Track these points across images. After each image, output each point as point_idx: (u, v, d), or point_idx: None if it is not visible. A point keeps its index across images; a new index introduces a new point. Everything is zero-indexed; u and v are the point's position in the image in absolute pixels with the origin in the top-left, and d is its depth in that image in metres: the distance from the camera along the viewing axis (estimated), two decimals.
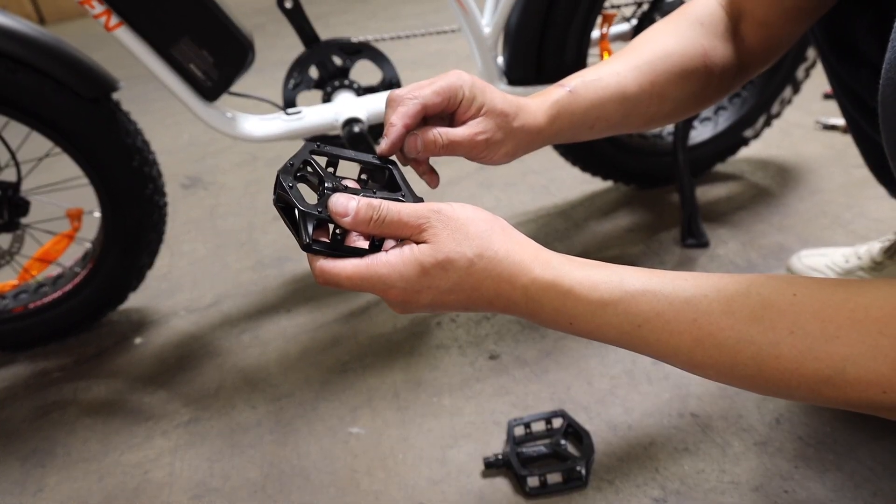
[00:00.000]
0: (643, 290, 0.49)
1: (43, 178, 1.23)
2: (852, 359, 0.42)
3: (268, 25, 3.49)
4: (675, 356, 0.48)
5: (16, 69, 0.99)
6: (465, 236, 0.51)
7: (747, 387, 0.47)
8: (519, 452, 0.86)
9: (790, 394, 0.45)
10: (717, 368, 0.47)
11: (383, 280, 0.51)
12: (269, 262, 1.43)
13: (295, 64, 1.17)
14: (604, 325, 0.50)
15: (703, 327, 0.46)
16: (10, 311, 1.20)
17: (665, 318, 0.48)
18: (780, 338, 0.44)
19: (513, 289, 0.51)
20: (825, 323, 0.43)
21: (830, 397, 0.44)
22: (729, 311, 0.46)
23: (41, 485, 0.96)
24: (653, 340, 0.49)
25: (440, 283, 0.51)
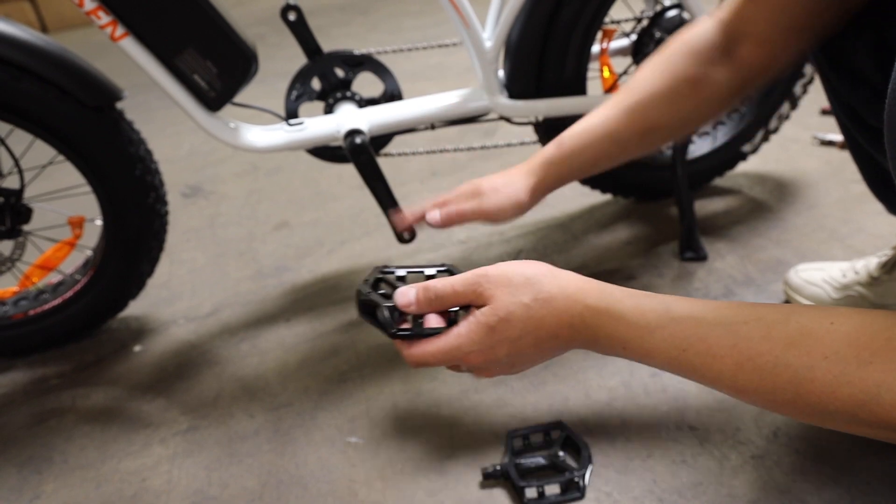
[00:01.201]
0: (687, 315, 0.51)
1: (45, 186, 1.24)
2: (886, 385, 0.43)
3: (269, 36, 3.51)
4: (720, 380, 0.50)
5: (20, 77, 1.00)
6: (517, 287, 0.57)
7: (791, 413, 0.49)
8: (517, 464, 0.86)
9: (830, 419, 0.46)
10: (759, 393, 0.49)
11: (460, 348, 0.58)
12: (268, 271, 1.44)
13: (297, 75, 1.18)
14: (653, 349, 0.53)
15: (743, 352, 0.48)
16: (10, 318, 1.20)
17: (708, 342, 0.50)
18: (815, 362, 0.45)
19: (571, 318, 0.55)
20: (860, 349, 0.44)
21: (867, 421, 0.44)
22: (768, 336, 0.47)
23: (38, 492, 0.96)
24: (698, 364, 0.51)
25: (509, 334, 0.57)
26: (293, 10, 1.12)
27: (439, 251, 1.41)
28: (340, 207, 1.67)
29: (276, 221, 1.65)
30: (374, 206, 1.65)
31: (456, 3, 1.10)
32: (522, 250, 1.37)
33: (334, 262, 1.44)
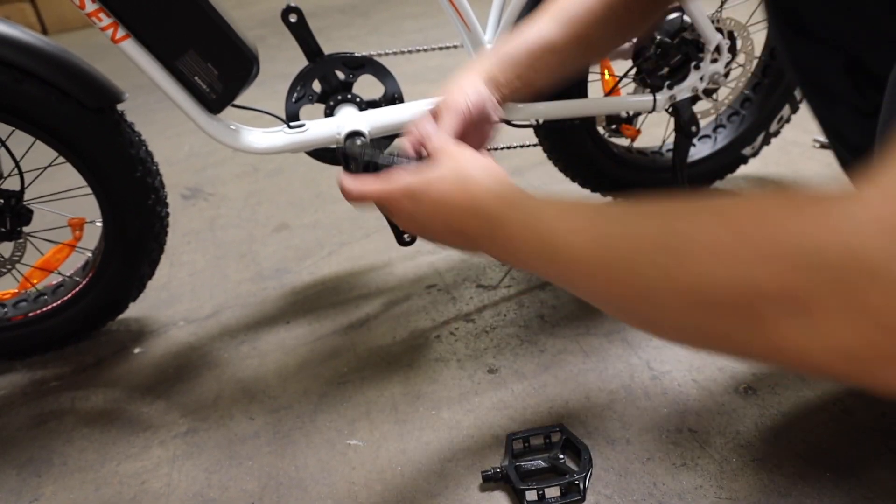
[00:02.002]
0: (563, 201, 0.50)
1: (45, 188, 1.24)
2: (687, 219, 0.40)
3: (269, 38, 3.51)
4: (586, 277, 0.47)
5: (21, 79, 1.00)
6: (454, 167, 0.58)
7: (625, 297, 0.44)
8: (517, 466, 0.86)
9: (649, 289, 0.41)
10: (594, 265, 0.45)
11: (389, 198, 0.60)
12: (268, 273, 1.44)
13: (298, 77, 1.18)
14: (545, 245, 0.49)
15: (595, 209, 0.47)
16: (10, 320, 1.20)
17: (586, 232, 0.47)
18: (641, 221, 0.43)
19: (481, 208, 0.54)
20: (684, 207, 0.42)
21: (676, 277, 0.39)
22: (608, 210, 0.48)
23: (37, 494, 0.96)
24: (568, 279, 0.48)
25: (425, 207, 0.58)
26: (294, 12, 1.12)
27: (439, 253, 1.41)
28: (340, 209, 1.67)
29: (276, 223, 1.65)
30: (373, 209, 1.65)
31: (457, 5, 1.10)
32: None
33: (334, 264, 1.44)
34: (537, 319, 1.17)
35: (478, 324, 1.18)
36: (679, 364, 1.02)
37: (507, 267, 1.33)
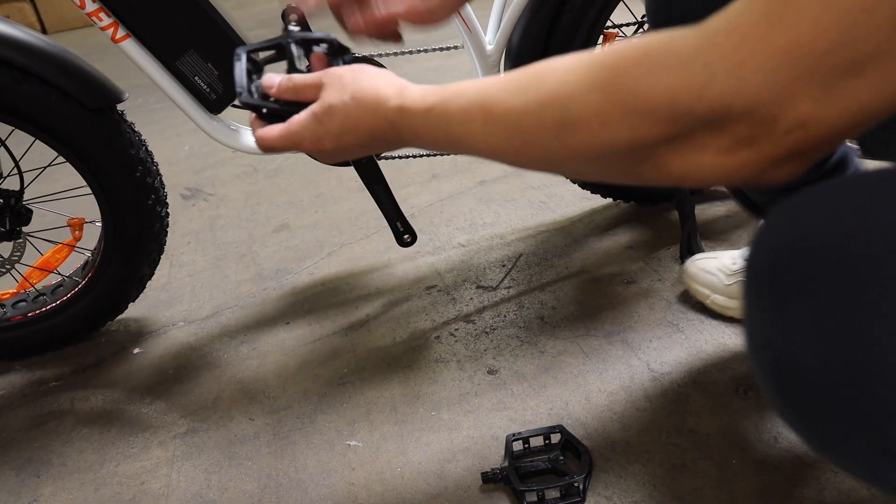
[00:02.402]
0: (456, 93, 0.53)
1: (45, 188, 1.23)
2: (575, 97, 0.44)
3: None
4: (475, 144, 0.52)
5: (21, 79, 1.00)
6: (344, 85, 0.60)
7: (534, 162, 0.51)
8: (517, 467, 0.86)
9: (553, 156, 0.48)
10: (505, 148, 0.51)
11: (296, 134, 0.62)
12: (268, 274, 1.44)
13: None
14: (433, 130, 0.55)
15: (487, 108, 0.50)
16: (9, 320, 1.20)
17: (465, 110, 0.52)
18: (530, 98, 0.47)
19: (378, 118, 0.58)
20: (561, 73, 0.46)
21: (574, 146, 0.45)
22: (506, 89, 0.49)
23: (36, 495, 0.96)
24: (461, 134, 0.53)
25: (332, 128, 0.60)
26: (294, 13, 1.12)
27: (440, 254, 1.41)
28: (340, 210, 1.67)
29: (276, 224, 1.65)
30: (374, 209, 1.65)
31: None
32: (523, 253, 1.37)
33: (334, 264, 1.44)
34: (537, 321, 1.17)
35: (478, 325, 1.18)
36: (679, 366, 1.02)
37: (508, 268, 1.33)
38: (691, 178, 0.43)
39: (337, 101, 0.60)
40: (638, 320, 1.13)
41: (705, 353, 1.04)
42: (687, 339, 1.08)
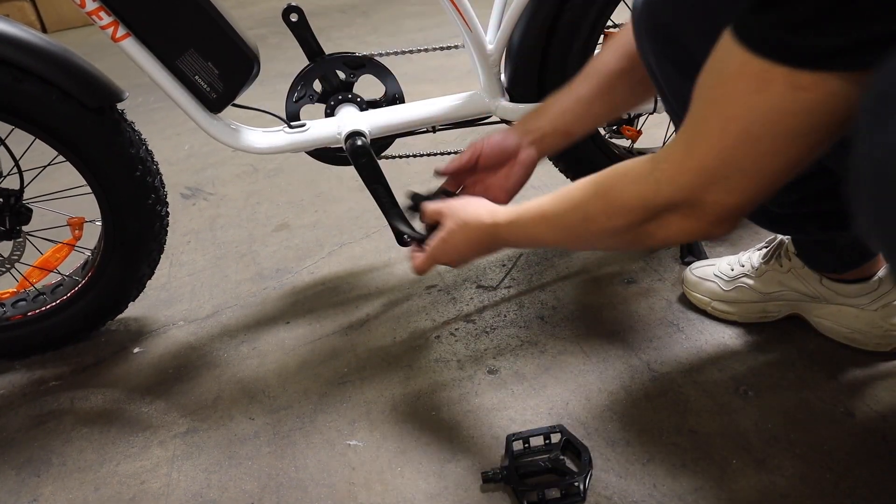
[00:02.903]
0: (526, 209, 0.81)
1: (45, 187, 1.23)
2: (590, 203, 0.72)
3: (269, 37, 3.51)
4: (543, 239, 0.81)
5: (22, 78, 1.00)
6: (457, 215, 0.88)
7: (577, 244, 0.90)
8: (517, 467, 0.86)
9: (585, 240, 0.79)
10: (559, 238, 0.80)
11: (433, 256, 0.90)
12: (268, 273, 1.44)
13: (299, 77, 1.18)
14: (516, 235, 0.82)
15: (545, 217, 0.78)
16: (9, 319, 1.20)
17: (533, 219, 0.80)
18: (567, 206, 0.76)
19: (480, 233, 0.85)
20: (581, 189, 0.74)
21: (595, 231, 0.73)
22: (553, 202, 0.78)
23: (36, 494, 0.96)
24: (533, 234, 0.81)
25: (453, 244, 0.88)
26: (295, 12, 1.12)
27: None
28: (340, 209, 1.67)
29: (276, 223, 1.65)
30: (374, 209, 1.64)
31: (458, 5, 1.10)
32: (523, 253, 1.37)
33: (334, 264, 1.44)
34: (537, 320, 1.17)
35: (478, 324, 1.18)
36: (679, 365, 1.02)
37: (507, 268, 1.33)
38: (670, 241, 0.69)
39: (455, 226, 0.87)
40: (638, 320, 1.13)
41: (706, 352, 1.04)
42: (687, 338, 1.08)
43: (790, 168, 0.58)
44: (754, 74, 0.52)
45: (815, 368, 0.98)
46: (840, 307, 1.00)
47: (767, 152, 0.56)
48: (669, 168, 0.63)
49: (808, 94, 0.51)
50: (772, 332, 1.06)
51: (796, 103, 0.52)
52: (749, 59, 0.52)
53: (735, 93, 0.55)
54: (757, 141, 0.55)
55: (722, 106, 0.56)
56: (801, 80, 0.50)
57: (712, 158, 0.59)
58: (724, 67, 0.56)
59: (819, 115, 0.52)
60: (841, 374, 0.96)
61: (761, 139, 0.55)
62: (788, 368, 0.99)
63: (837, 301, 1.00)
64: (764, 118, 0.54)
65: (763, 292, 1.06)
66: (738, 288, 1.08)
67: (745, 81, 0.53)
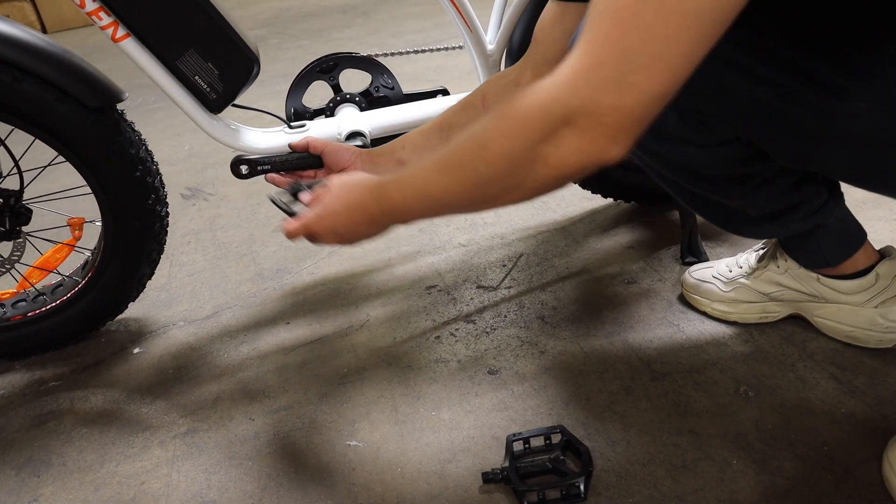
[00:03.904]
0: (413, 165, 0.74)
1: (45, 187, 1.23)
2: (487, 126, 0.64)
3: (270, 38, 3.51)
4: (434, 190, 0.70)
5: (22, 78, 1.00)
6: (331, 183, 0.83)
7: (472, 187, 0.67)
8: (518, 467, 0.86)
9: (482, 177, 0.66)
10: (453, 185, 0.68)
11: (310, 221, 0.82)
12: (268, 274, 1.44)
13: (299, 77, 1.18)
14: (403, 190, 0.73)
15: (438, 161, 0.70)
16: (9, 320, 1.20)
17: (423, 167, 0.71)
18: (463, 138, 0.67)
19: (362, 192, 0.78)
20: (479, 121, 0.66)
21: (490, 159, 0.64)
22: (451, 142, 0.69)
23: (36, 494, 0.96)
24: (421, 185, 0.71)
25: (335, 209, 0.80)
26: (244, 164, 1.05)
27: (440, 254, 1.41)
28: None
29: (277, 223, 1.65)
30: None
31: (459, 6, 1.10)
32: (523, 253, 1.37)
33: (334, 264, 1.44)
34: (538, 321, 1.17)
35: (478, 325, 1.18)
36: (679, 366, 1.02)
37: (507, 268, 1.33)
38: (565, 166, 0.61)
39: (336, 189, 0.81)
40: (638, 320, 1.13)
41: (706, 353, 1.04)
42: (688, 339, 1.08)
43: (686, 59, 0.56)
44: None
45: (816, 369, 0.98)
46: (840, 306, 1.00)
47: (659, 37, 0.54)
48: (567, 71, 0.59)
49: None
50: (772, 332, 1.06)
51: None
52: None
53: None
54: (649, 27, 0.53)
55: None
56: None
57: (606, 50, 0.56)
58: None
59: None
60: (842, 374, 0.96)
61: (654, 25, 0.53)
62: (789, 369, 0.99)
63: (837, 299, 1.00)
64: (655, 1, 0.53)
65: (762, 293, 1.06)
66: (737, 289, 1.08)
67: None
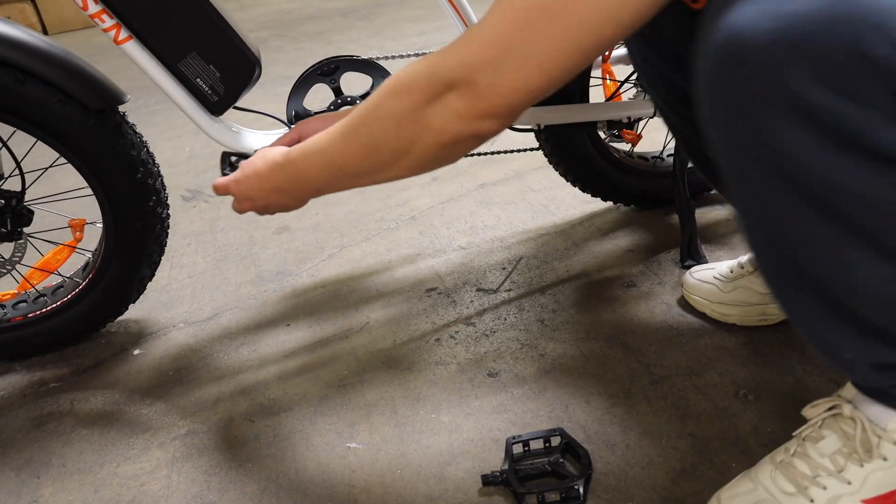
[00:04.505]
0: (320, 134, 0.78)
1: (46, 189, 1.24)
2: (381, 91, 0.70)
3: (270, 40, 3.52)
4: (335, 156, 0.76)
5: (24, 80, 1.00)
6: (258, 151, 0.88)
7: (366, 151, 0.73)
8: (517, 470, 0.86)
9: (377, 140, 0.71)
10: (352, 151, 0.74)
11: (229, 183, 0.89)
12: (268, 276, 1.44)
13: (300, 80, 1.18)
14: (311, 157, 0.78)
15: (341, 128, 0.75)
16: (9, 321, 1.20)
17: (328, 134, 0.76)
18: (361, 107, 0.73)
19: (273, 159, 0.83)
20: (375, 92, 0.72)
21: (382, 117, 0.69)
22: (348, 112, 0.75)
23: (36, 496, 0.96)
24: (327, 150, 0.76)
25: (249, 175, 0.86)
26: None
27: (440, 256, 1.41)
28: (341, 212, 1.67)
29: (277, 226, 1.65)
30: (374, 212, 1.65)
31: (458, 8, 1.11)
32: (523, 256, 1.37)
33: (334, 266, 1.44)
34: (537, 323, 1.17)
35: (478, 327, 1.18)
36: (679, 369, 1.02)
37: (507, 271, 1.33)
38: (445, 131, 0.66)
39: (253, 157, 0.87)
40: (638, 324, 1.14)
41: (705, 356, 1.04)
42: (687, 342, 1.08)
43: (561, 65, 0.60)
44: None
45: (816, 373, 0.98)
46: None
47: (543, 38, 0.58)
48: (459, 42, 0.64)
49: None
50: (772, 336, 1.06)
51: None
52: None
53: None
54: (534, 24, 0.57)
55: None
56: None
57: (494, 35, 0.61)
58: None
59: (602, 3, 0.56)
60: (841, 378, 0.97)
61: (538, 23, 0.57)
62: (788, 372, 0.99)
63: None
64: (542, 3, 0.56)
65: (763, 293, 1.06)
66: (738, 290, 1.08)
67: None
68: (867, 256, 0.55)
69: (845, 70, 0.47)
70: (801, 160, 0.52)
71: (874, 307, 0.59)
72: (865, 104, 0.48)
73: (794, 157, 0.52)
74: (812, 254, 0.58)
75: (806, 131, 0.50)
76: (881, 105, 0.48)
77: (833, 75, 0.47)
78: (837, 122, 0.49)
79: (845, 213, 0.54)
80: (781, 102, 0.50)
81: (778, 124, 0.51)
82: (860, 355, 0.63)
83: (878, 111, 0.48)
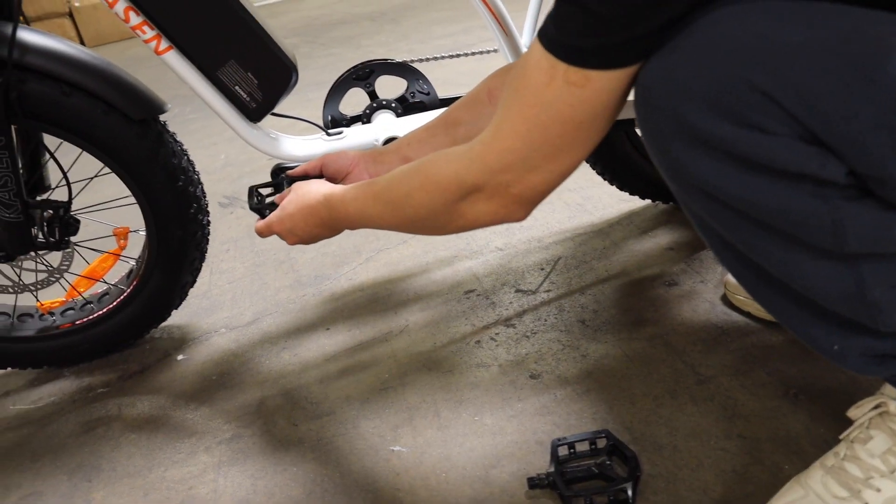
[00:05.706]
0: (355, 185, 0.86)
1: (91, 198, 1.26)
2: (413, 181, 0.76)
3: (301, 46, 3.55)
4: (369, 214, 0.83)
5: (70, 93, 1.03)
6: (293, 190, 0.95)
7: (399, 221, 0.81)
8: (563, 472, 0.85)
9: (408, 215, 0.78)
10: (383, 214, 0.81)
11: (269, 222, 0.97)
12: (307, 280, 1.45)
13: (336, 85, 1.19)
14: (347, 207, 0.85)
15: (372, 191, 0.82)
16: (58, 328, 1.23)
17: (361, 191, 0.84)
18: (393, 181, 0.80)
19: (313, 202, 0.90)
20: (405, 168, 0.79)
21: (416, 205, 0.76)
22: (381, 181, 0.82)
23: (88, 499, 0.98)
24: (361, 207, 0.83)
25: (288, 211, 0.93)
26: None
27: (477, 258, 1.41)
28: None
29: None
30: None
31: (493, 9, 1.10)
32: (561, 257, 1.36)
33: (372, 270, 1.45)
34: (578, 324, 1.16)
35: (518, 329, 1.18)
36: (725, 369, 1.00)
37: (546, 272, 1.32)
38: (478, 221, 0.73)
39: (294, 196, 0.93)
40: (681, 323, 1.12)
41: (752, 355, 1.02)
42: (732, 341, 1.06)
43: (579, 151, 0.66)
44: (545, 69, 0.60)
45: None
46: None
47: (557, 136, 0.64)
48: (480, 148, 0.69)
49: (579, 88, 0.60)
50: None
51: (572, 97, 0.60)
52: (543, 55, 0.60)
53: (532, 84, 0.62)
54: (546, 127, 0.63)
55: (522, 94, 0.64)
56: (572, 76, 0.59)
57: (513, 140, 0.66)
58: (527, 61, 0.63)
59: (593, 106, 0.61)
60: None
61: (550, 126, 0.63)
62: (838, 369, 0.96)
63: None
64: (550, 108, 0.62)
65: None
66: None
67: (538, 74, 0.61)
68: (806, 257, 0.59)
69: (735, 99, 0.53)
70: (716, 184, 0.57)
71: (835, 303, 0.61)
72: (759, 129, 0.53)
73: (710, 181, 0.58)
74: (769, 260, 0.62)
75: (714, 159, 0.56)
76: (775, 128, 0.53)
77: (724, 105, 0.54)
78: (736, 148, 0.55)
79: (772, 224, 0.58)
80: (684, 135, 0.57)
81: (688, 155, 0.58)
82: (847, 347, 0.64)
83: (774, 134, 0.53)
